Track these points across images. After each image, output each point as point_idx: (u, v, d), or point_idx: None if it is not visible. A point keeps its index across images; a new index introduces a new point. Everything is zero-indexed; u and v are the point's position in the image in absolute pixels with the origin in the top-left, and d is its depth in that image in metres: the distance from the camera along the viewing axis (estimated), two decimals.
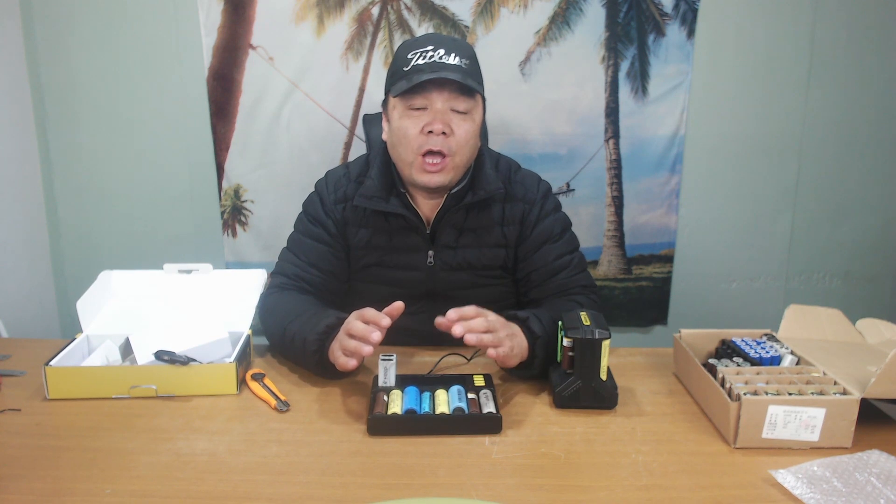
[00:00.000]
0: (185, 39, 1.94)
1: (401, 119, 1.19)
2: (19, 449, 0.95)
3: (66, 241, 2.11)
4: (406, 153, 1.20)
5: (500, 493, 0.85)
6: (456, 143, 1.18)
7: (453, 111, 1.18)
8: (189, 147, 2.03)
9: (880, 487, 0.83)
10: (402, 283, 1.31)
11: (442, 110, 1.17)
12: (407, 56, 1.18)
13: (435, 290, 1.32)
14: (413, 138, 1.18)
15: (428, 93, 1.16)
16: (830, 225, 2.15)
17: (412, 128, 1.18)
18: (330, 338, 1.11)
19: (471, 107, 1.19)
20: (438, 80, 1.15)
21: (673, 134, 2.03)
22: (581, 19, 1.94)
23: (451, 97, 1.17)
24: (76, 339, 1.19)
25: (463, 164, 1.22)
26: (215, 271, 1.36)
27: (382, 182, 1.26)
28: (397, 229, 1.28)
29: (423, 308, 1.31)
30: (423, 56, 1.16)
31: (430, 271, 1.30)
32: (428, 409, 1.02)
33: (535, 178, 1.36)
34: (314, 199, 1.34)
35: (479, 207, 1.28)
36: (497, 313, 1.11)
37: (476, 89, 1.18)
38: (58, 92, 1.99)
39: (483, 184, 1.26)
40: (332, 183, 1.33)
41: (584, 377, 1.04)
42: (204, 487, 0.86)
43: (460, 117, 1.18)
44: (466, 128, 1.19)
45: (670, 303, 2.19)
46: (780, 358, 1.08)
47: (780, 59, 2.00)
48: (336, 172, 1.35)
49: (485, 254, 1.30)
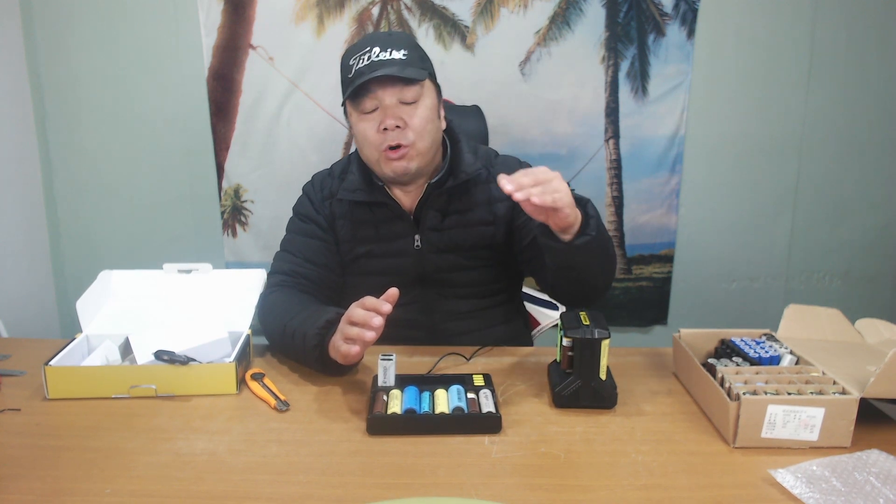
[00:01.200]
0: (185, 39, 1.95)
1: (357, 124, 1.24)
2: (19, 449, 0.95)
3: (66, 241, 2.11)
4: (371, 152, 1.25)
5: (499, 492, 0.85)
6: (413, 132, 1.22)
7: (402, 103, 1.22)
8: (189, 147, 2.04)
9: (879, 487, 0.83)
10: (392, 270, 1.33)
11: (391, 105, 1.21)
12: (349, 63, 1.22)
13: (425, 275, 1.33)
14: (372, 138, 1.23)
15: (373, 93, 1.21)
16: (830, 225, 2.15)
17: (369, 130, 1.22)
18: (330, 333, 1.11)
19: (417, 94, 1.22)
20: (379, 79, 1.19)
21: (673, 134, 2.03)
22: (581, 19, 1.94)
23: (396, 90, 1.21)
24: (76, 338, 1.19)
25: (426, 149, 1.25)
26: (215, 271, 1.36)
27: (363, 177, 1.31)
28: (382, 219, 1.32)
29: (417, 298, 1.33)
30: (360, 59, 1.20)
31: (417, 255, 1.32)
32: (427, 408, 1.02)
33: (515, 159, 1.40)
34: (303, 200, 1.39)
35: (461, 191, 1.31)
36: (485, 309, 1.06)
37: (415, 77, 1.21)
38: (58, 92, 1.99)
39: (463, 167, 1.29)
40: (317, 183, 1.38)
41: (583, 377, 1.04)
42: (204, 487, 0.86)
43: (410, 107, 1.22)
44: (419, 114, 1.22)
45: (670, 303, 2.19)
46: (779, 358, 1.08)
47: (780, 59, 2.00)
48: (321, 173, 1.41)
49: (471, 234, 1.32)
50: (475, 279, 1.35)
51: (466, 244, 1.33)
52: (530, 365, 1.22)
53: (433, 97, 1.27)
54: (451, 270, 1.33)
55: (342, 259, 1.36)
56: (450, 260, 1.33)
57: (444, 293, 1.35)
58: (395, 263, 1.33)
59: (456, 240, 1.32)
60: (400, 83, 1.20)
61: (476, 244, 1.33)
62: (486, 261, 1.36)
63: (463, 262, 1.33)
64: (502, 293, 1.42)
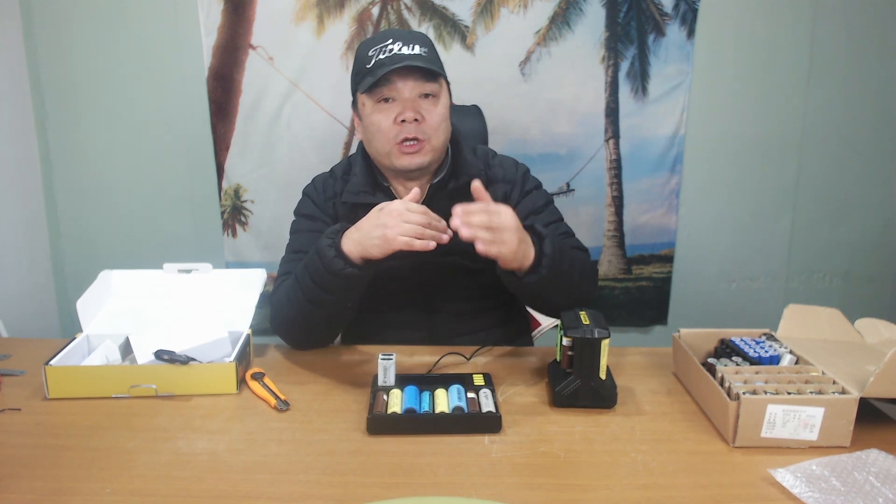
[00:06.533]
0: (185, 39, 1.95)
1: (372, 114, 1.23)
2: (19, 448, 0.95)
3: (66, 241, 2.11)
4: (382, 144, 1.24)
5: (499, 492, 0.85)
6: (429, 127, 1.22)
7: (421, 97, 1.22)
8: (189, 147, 2.04)
9: (879, 486, 0.83)
10: (394, 273, 1.32)
11: (410, 98, 1.21)
12: (368, 54, 1.21)
13: (428, 280, 1.32)
14: (387, 130, 1.22)
15: (393, 84, 1.20)
16: (830, 225, 2.15)
17: (385, 120, 1.21)
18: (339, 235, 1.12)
19: (437, 90, 1.23)
20: (402, 70, 1.19)
21: (673, 134, 2.03)
22: (581, 19, 1.94)
23: (417, 84, 1.21)
24: (76, 338, 1.19)
25: (440, 146, 1.26)
26: (215, 271, 1.36)
27: (367, 178, 1.30)
28: None
29: (418, 300, 1.33)
30: (382, 51, 1.20)
31: (420, 258, 1.31)
32: (427, 408, 1.02)
33: (512, 161, 1.39)
34: (306, 201, 1.37)
35: (462, 193, 1.30)
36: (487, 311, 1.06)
37: (440, 73, 1.22)
38: (58, 92, 1.99)
39: (465, 168, 1.29)
40: (319, 184, 1.37)
41: (583, 376, 1.04)
42: (204, 486, 0.86)
43: (429, 101, 1.22)
44: (437, 111, 1.23)
45: (670, 303, 2.19)
46: (779, 357, 1.08)
47: (780, 59, 2.00)
48: (321, 176, 1.40)
49: None
50: (477, 281, 1.34)
51: (469, 247, 1.32)
52: (530, 365, 1.22)
53: (448, 98, 1.27)
54: (454, 273, 1.33)
55: None
56: (453, 262, 1.32)
57: (445, 295, 1.34)
58: (398, 266, 1.31)
59: (459, 242, 1.31)
60: (422, 77, 1.20)
61: None
62: (488, 264, 1.35)
63: (465, 264, 1.33)
64: (503, 295, 1.41)
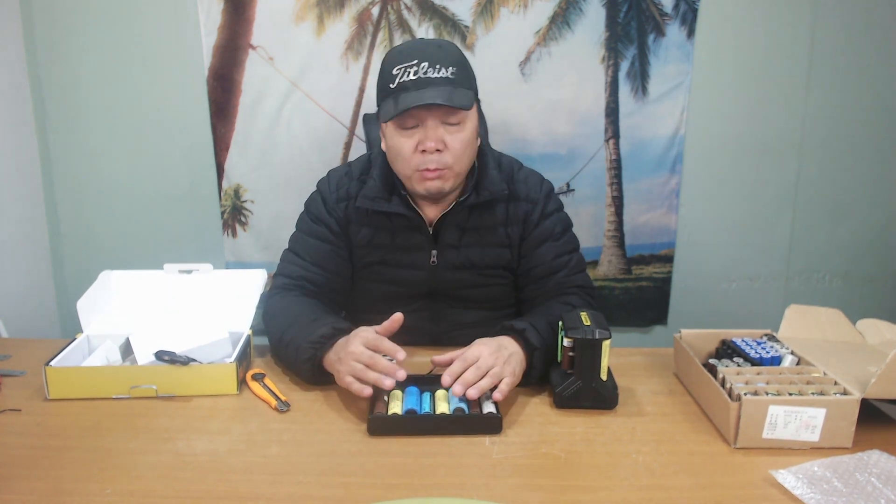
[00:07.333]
0: (185, 39, 1.94)
1: (393, 138, 1.18)
2: (20, 449, 0.95)
3: (66, 241, 2.11)
4: (403, 168, 1.20)
5: (500, 493, 0.85)
6: (451, 156, 1.17)
7: (445, 124, 1.16)
8: (189, 147, 2.03)
9: (881, 488, 0.83)
10: (404, 281, 1.31)
11: (433, 126, 1.15)
12: (392, 72, 1.15)
13: (437, 289, 1.32)
14: (408, 157, 1.17)
15: (417, 111, 1.14)
16: (830, 225, 2.15)
17: (406, 146, 1.17)
18: (323, 347, 1.11)
19: (462, 118, 1.17)
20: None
21: (673, 134, 2.03)
22: (581, 19, 1.94)
23: (441, 114, 1.15)
24: (76, 339, 1.19)
25: (463, 171, 1.22)
26: (215, 271, 1.36)
27: (384, 183, 1.26)
28: (400, 228, 1.28)
29: (424, 306, 1.32)
30: (407, 72, 1.13)
31: (432, 270, 1.30)
32: (428, 409, 1.02)
33: (538, 178, 1.35)
34: (316, 199, 1.33)
35: (482, 208, 1.28)
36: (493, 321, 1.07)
37: (464, 106, 1.14)
38: (58, 92, 1.99)
39: (487, 185, 1.25)
40: (334, 181, 1.32)
41: (584, 377, 1.04)
42: (204, 487, 0.86)
43: (453, 129, 1.17)
44: (461, 138, 1.17)
45: (670, 303, 2.19)
46: (780, 358, 1.08)
47: (780, 59, 2.00)
48: (338, 171, 1.35)
49: (488, 253, 1.30)
50: (487, 294, 1.34)
51: (482, 263, 1.30)
52: None
53: (475, 119, 1.21)
54: (464, 287, 1.32)
55: (353, 264, 1.33)
56: (464, 276, 1.31)
57: (453, 305, 1.34)
58: (407, 275, 1.30)
59: (472, 258, 1.29)
60: (446, 107, 1.14)
61: (491, 264, 1.31)
62: (499, 279, 1.34)
63: (477, 279, 1.32)
64: (512, 306, 1.41)
